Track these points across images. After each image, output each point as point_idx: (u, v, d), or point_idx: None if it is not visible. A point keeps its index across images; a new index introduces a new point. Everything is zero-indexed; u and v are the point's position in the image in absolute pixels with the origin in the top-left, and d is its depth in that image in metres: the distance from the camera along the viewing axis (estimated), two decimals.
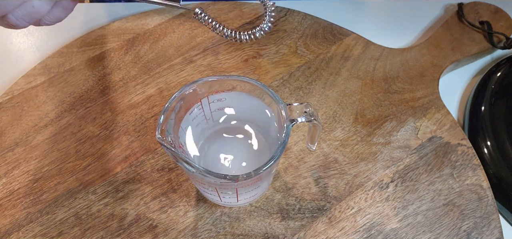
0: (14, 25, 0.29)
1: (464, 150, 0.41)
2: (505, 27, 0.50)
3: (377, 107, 0.44)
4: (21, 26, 0.29)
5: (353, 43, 0.50)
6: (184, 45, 0.49)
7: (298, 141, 0.42)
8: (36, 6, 0.28)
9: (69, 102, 0.45)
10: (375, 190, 0.39)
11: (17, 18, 0.28)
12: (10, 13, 0.28)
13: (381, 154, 0.41)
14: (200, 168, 0.28)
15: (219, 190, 0.32)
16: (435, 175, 0.40)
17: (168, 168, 0.40)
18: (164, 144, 0.29)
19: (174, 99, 0.31)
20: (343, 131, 0.43)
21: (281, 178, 0.40)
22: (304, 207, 0.38)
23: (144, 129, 0.43)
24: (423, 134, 0.42)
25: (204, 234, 0.37)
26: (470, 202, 0.38)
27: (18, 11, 0.28)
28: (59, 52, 0.49)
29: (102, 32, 0.51)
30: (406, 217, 0.38)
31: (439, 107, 0.44)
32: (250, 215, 0.38)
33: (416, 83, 0.46)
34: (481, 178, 0.39)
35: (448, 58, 0.48)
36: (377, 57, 0.48)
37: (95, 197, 0.39)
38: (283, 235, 0.37)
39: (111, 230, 0.37)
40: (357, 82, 0.46)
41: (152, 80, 0.47)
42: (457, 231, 0.37)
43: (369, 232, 0.37)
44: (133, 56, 0.49)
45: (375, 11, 0.56)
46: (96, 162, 0.41)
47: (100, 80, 0.47)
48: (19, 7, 0.28)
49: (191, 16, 0.52)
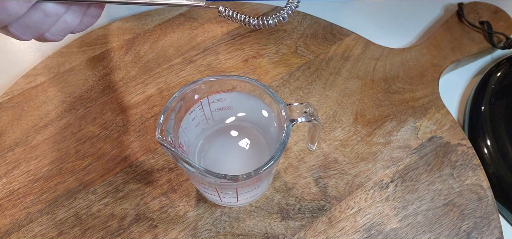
0: (51, 40, 0.31)
1: (464, 150, 0.41)
2: (505, 27, 0.50)
3: (377, 107, 0.44)
4: (57, 40, 0.31)
5: (353, 43, 0.50)
6: (184, 45, 0.49)
7: (298, 141, 0.42)
8: (69, 21, 0.30)
9: (69, 102, 0.45)
10: (375, 190, 0.39)
11: (53, 35, 0.31)
12: (47, 31, 0.30)
13: (381, 154, 0.41)
14: (200, 168, 0.28)
15: (219, 190, 0.32)
16: (435, 175, 0.40)
17: (168, 168, 0.40)
18: (164, 144, 0.29)
19: (174, 99, 0.31)
20: (343, 131, 0.43)
21: (281, 178, 0.40)
22: (304, 207, 0.38)
23: (144, 129, 0.43)
24: (423, 134, 0.42)
25: (204, 234, 0.37)
26: (470, 202, 0.38)
27: (53, 28, 0.30)
28: (59, 52, 0.49)
29: (102, 32, 0.51)
30: (406, 217, 0.38)
31: (439, 107, 0.44)
32: (250, 215, 0.38)
33: (416, 83, 0.46)
34: (481, 178, 0.39)
35: (448, 58, 0.48)
36: (377, 57, 0.48)
37: (95, 197, 0.39)
38: (283, 235, 0.37)
39: (111, 230, 0.37)
40: (357, 82, 0.46)
41: (152, 80, 0.47)
42: (457, 231, 0.37)
43: (369, 232, 0.37)
44: (133, 56, 0.49)
45: (375, 11, 0.56)
46: (96, 162, 0.41)
47: (100, 80, 0.47)
48: (54, 25, 0.30)
49: (191, 17, 0.52)
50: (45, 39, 0.31)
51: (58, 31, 0.31)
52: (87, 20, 0.32)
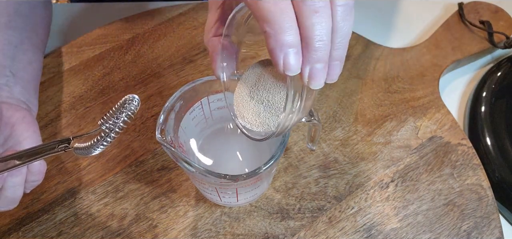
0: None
1: (464, 150, 0.41)
2: (506, 26, 0.50)
3: (377, 107, 0.44)
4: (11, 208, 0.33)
5: (353, 43, 0.49)
6: (184, 45, 0.49)
7: (298, 141, 0.42)
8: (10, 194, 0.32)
9: (69, 102, 0.45)
10: (375, 190, 0.39)
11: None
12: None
13: (381, 154, 0.41)
14: (200, 167, 0.28)
15: (219, 190, 0.32)
16: (435, 174, 0.40)
17: (168, 168, 0.40)
18: (164, 143, 0.29)
19: (174, 99, 0.31)
20: (343, 131, 0.43)
21: (281, 178, 0.40)
22: (304, 207, 0.38)
23: (144, 128, 0.43)
24: (423, 134, 0.42)
25: (204, 234, 0.37)
26: (470, 201, 0.38)
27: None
28: (59, 52, 0.49)
29: (102, 32, 0.50)
30: (406, 217, 0.38)
31: (439, 107, 0.44)
32: (250, 215, 0.38)
33: (416, 83, 0.46)
34: (481, 178, 0.39)
35: (448, 57, 0.48)
36: (377, 57, 0.48)
37: (95, 197, 0.39)
38: (283, 235, 0.37)
39: (111, 230, 0.37)
40: (357, 82, 0.46)
41: (152, 80, 0.47)
42: (457, 231, 0.37)
43: (369, 232, 0.37)
44: (133, 56, 0.49)
45: (375, 11, 0.56)
46: (96, 162, 0.41)
47: (100, 80, 0.47)
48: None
49: (191, 16, 0.52)
50: None
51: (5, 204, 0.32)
52: (33, 177, 0.33)
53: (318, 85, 0.23)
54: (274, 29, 0.21)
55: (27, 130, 0.34)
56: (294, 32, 0.21)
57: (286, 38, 0.21)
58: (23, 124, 0.34)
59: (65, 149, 0.28)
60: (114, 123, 0.25)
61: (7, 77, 0.37)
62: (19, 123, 0.33)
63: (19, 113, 0.34)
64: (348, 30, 0.22)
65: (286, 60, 0.22)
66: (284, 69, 0.22)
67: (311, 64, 0.22)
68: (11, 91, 0.37)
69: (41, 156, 0.28)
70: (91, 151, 0.26)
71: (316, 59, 0.22)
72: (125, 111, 0.24)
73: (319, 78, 0.23)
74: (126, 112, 0.24)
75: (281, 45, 0.21)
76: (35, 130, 0.35)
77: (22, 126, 0.33)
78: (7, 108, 0.34)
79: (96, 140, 0.25)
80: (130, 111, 0.25)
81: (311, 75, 0.22)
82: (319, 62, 0.22)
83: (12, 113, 0.34)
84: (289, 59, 0.22)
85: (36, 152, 0.28)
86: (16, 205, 0.32)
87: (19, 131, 0.33)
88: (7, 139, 0.33)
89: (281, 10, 0.21)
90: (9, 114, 0.33)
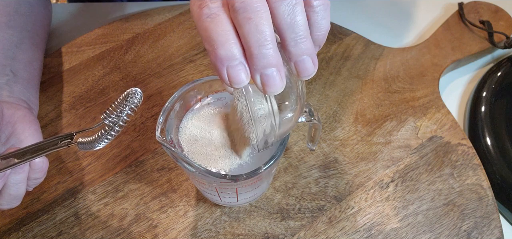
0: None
1: (464, 150, 0.41)
2: (506, 26, 0.50)
3: (377, 107, 0.44)
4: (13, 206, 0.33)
5: (353, 42, 0.49)
6: (184, 45, 0.49)
7: (298, 141, 0.42)
8: (13, 192, 0.31)
9: (69, 102, 0.45)
10: (375, 190, 0.39)
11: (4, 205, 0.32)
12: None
13: (381, 154, 0.41)
14: (200, 167, 0.28)
15: (219, 190, 0.32)
16: (435, 174, 0.40)
17: (168, 168, 0.40)
18: (164, 143, 0.29)
19: (174, 99, 0.31)
20: (343, 131, 0.43)
21: (281, 178, 0.40)
22: (304, 207, 0.38)
23: (144, 128, 0.43)
24: (423, 134, 0.42)
25: (204, 234, 0.37)
26: (470, 201, 0.38)
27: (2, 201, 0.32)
28: (59, 52, 0.49)
29: (102, 32, 0.50)
30: (407, 216, 0.37)
31: (439, 107, 0.44)
32: (250, 215, 0.38)
33: (416, 83, 0.46)
34: (482, 178, 0.39)
35: (448, 57, 0.48)
36: (377, 57, 0.48)
37: (95, 197, 0.39)
38: (283, 235, 0.37)
39: (111, 230, 0.37)
40: (357, 82, 0.46)
41: (152, 80, 0.46)
42: (457, 231, 0.37)
43: (369, 232, 0.37)
44: (133, 56, 0.49)
45: (375, 11, 0.56)
46: (96, 162, 0.41)
47: (100, 80, 0.47)
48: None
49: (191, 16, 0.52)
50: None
51: (8, 202, 0.32)
52: (36, 174, 0.33)
53: (275, 91, 0.22)
54: (211, 45, 0.21)
55: (28, 128, 0.33)
56: (232, 44, 0.21)
57: (222, 52, 0.21)
58: (24, 123, 0.34)
59: (68, 144, 0.27)
60: (118, 116, 0.24)
61: (7, 76, 0.37)
62: (20, 122, 0.33)
63: (20, 112, 0.34)
64: (300, 23, 0.21)
65: (229, 73, 0.21)
66: (230, 82, 0.21)
67: (260, 71, 0.21)
68: (11, 91, 0.37)
69: (44, 152, 0.28)
70: (95, 145, 0.26)
71: (262, 65, 0.21)
72: (129, 104, 0.24)
73: (273, 84, 0.21)
74: (129, 105, 0.24)
75: (220, 60, 0.21)
76: (36, 128, 0.35)
77: (23, 124, 0.33)
78: (8, 107, 0.34)
79: (100, 134, 0.25)
80: (134, 104, 0.24)
81: (263, 82, 0.21)
82: (267, 67, 0.21)
83: (13, 112, 0.34)
84: (231, 72, 0.21)
85: (39, 148, 0.28)
86: (19, 202, 0.32)
87: (20, 130, 0.33)
88: (8, 138, 0.33)
89: (217, 25, 0.20)
90: (10, 113, 0.33)
